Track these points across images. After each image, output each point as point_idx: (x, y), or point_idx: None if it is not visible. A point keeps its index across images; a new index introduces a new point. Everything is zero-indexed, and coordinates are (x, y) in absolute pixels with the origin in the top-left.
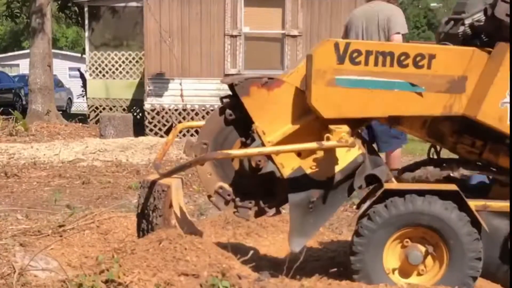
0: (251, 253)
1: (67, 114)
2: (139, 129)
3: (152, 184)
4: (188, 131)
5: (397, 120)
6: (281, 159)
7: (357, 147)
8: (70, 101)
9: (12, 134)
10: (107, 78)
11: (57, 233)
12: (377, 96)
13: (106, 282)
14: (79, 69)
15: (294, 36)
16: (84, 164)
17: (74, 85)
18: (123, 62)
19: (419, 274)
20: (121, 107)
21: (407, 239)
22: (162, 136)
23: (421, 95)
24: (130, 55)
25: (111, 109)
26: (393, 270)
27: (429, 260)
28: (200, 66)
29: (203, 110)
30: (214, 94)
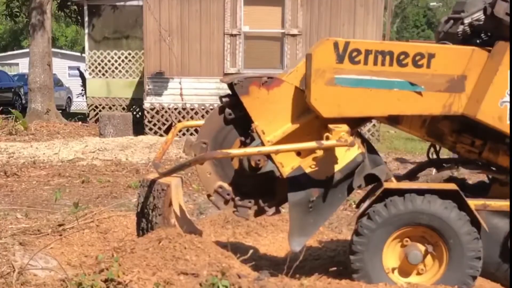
0: (250, 252)
1: (66, 113)
2: (138, 128)
3: (152, 183)
4: (188, 130)
5: (396, 119)
6: (280, 158)
7: (356, 146)
8: (70, 100)
9: (12, 133)
10: (107, 77)
11: (56, 232)
12: (377, 95)
13: (105, 281)
14: (78, 68)
15: (293, 35)
16: (83, 163)
17: (74, 84)
18: (122, 61)
19: (418, 274)
20: (120, 106)
21: (406, 238)
22: (161, 135)
23: (420, 94)
24: (129, 54)
25: (110, 108)
26: (393, 269)
27: (428, 259)
28: (200, 65)
29: (203, 109)
30: (214, 93)
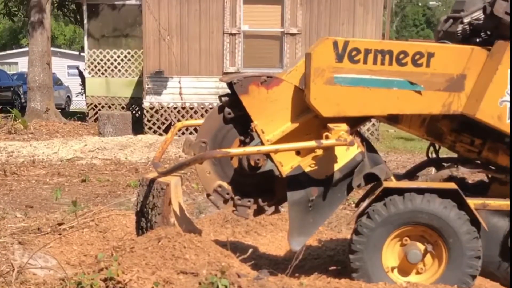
0: (250, 251)
1: (66, 112)
2: (138, 127)
3: (151, 182)
4: (187, 129)
5: (396, 119)
6: (280, 157)
7: (355, 145)
8: (69, 99)
9: (11, 132)
10: (106, 76)
11: (56, 231)
12: (376, 94)
13: (105, 280)
14: (78, 67)
15: (293, 34)
16: (83, 162)
17: (73, 83)
18: (122, 60)
19: (418, 273)
20: (120, 105)
21: (406, 238)
22: (161, 134)
23: (420, 93)
24: (129, 53)
25: (110, 107)
26: (392, 269)
27: (428, 258)
28: (199, 64)
29: (202, 108)
30: (213, 92)
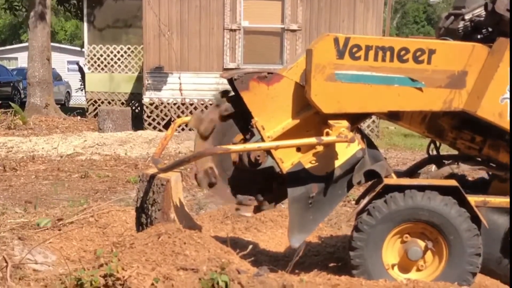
0: (250, 247)
1: (65, 107)
2: (137, 123)
3: (151, 178)
4: (187, 125)
5: (396, 116)
6: (280, 154)
7: (356, 142)
8: (69, 94)
9: (11, 127)
10: (106, 72)
11: (56, 227)
12: (377, 91)
13: (104, 276)
14: (77, 63)
15: (293, 30)
16: (82, 158)
17: (73, 78)
18: (122, 56)
19: (418, 270)
20: (119, 100)
21: (406, 235)
22: (160, 130)
23: (421, 90)
24: (129, 48)
25: (109, 102)
26: (393, 266)
27: (428, 255)
28: (199, 60)
29: (202, 104)
30: (213, 88)
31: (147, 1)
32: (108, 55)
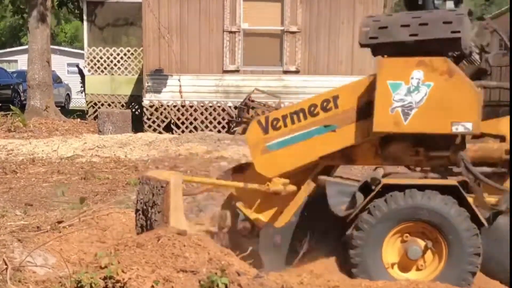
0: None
1: (65, 110)
2: (137, 125)
3: (151, 180)
4: (187, 127)
5: (350, 160)
6: (258, 221)
7: (303, 190)
8: (69, 97)
9: (11, 130)
10: (106, 74)
11: (55, 229)
12: (303, 146)
13: (104, 279)
14: (77, 65)
15: (293, 32)
16: (82, 160)
17: (73, 81)
18: (121, 58)
19: (418, 269)
20: (119, 103)
21: (406, 234)
22: (160, 133)
23: (335, 131)
24: (128, 51)
25: (109, 105)
26: (392, 265)
27: (428, 255)
28: (199, 62)
29: (202, 106)
30: (213, 90)
31: (147, 3)
32: (108, 57)
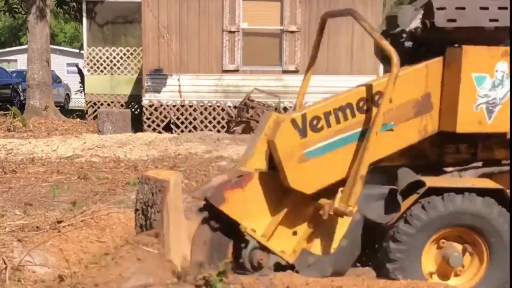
0: None
1: (65, 110)
2: (137, 125)
3: (151, 180)
4: (187, 127)
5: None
6: (278, 245)
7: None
8: (68, 96)
9: (10, 129)
10: (105, 74)
11: (55, 229)
12: (352, 150)
13: None
14: (77, 65)
15: (292, 31)
16: (82, 160)
17: (72, 80)
18: (121, 58)
19: (456, 275)
20: (119, 102)
21: (443, 240)
22: (160, 132)
23: (392, 130)
24: (128, 50)
25: (109, 104)
26: (431, 274)
27: (467, 259)
28: (198, 62)
29: (201, 106)
30: (212, 90)
31: (146, 3)
32: (108, 57)
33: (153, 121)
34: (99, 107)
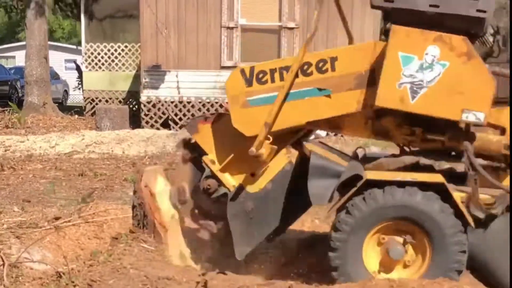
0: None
1: (63, 106)
2: (135, 121)
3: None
4: (185, 124)
5: (337, 126)
6: (225, 179)
7: (284, 155)
8: (66, 93)
9: (8, 126)
10: (103, 70)
11: (53, 226)
12: (290, 107)
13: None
14: (75, 61)
15: (291, 28)
16: (80, 156)
17: (70, 77)
18: (119, 54)
19: (401, 268)
20: (117, 99)
21: (383, 235)
22: (158, 129)
23: (329, 97)
24: (126, 46)
25: (107, 101)
26: (374, 268)
27: (411, 254)
28: (197, 58)
29: (199, 102)
30: (211, 86)
31: None
32: (106, 53)
33: (151, 118)
34: (97, 104)
